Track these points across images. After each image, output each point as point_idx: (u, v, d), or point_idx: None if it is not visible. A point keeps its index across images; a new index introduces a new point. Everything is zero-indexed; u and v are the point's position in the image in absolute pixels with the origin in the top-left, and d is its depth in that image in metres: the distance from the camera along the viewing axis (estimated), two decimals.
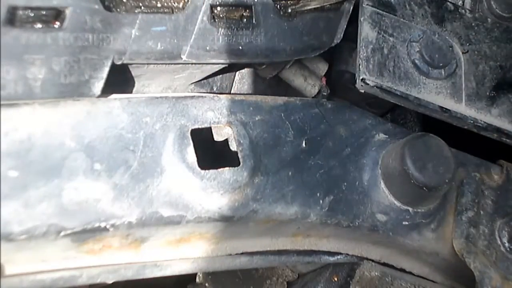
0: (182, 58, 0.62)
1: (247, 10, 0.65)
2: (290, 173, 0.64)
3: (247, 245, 0.67)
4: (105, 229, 0.55)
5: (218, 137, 0.65)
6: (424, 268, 0.78)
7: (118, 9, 0.59)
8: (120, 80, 0.63)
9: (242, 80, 0.77)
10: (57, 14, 0.55)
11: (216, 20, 0.64)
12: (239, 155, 0.61)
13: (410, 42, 0.70)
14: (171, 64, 0.65)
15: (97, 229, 0.55)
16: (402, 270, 0.76)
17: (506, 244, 0.71)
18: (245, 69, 0.76)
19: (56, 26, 0.55)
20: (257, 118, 0.64)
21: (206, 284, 0.92)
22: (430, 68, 0.70)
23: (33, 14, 0.54)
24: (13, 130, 0.54)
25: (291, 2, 0.68)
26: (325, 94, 0.81)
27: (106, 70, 0.58)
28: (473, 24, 0.75)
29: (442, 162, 0.65)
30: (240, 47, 0.65)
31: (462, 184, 0.73)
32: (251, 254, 0.68)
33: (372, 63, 0.67)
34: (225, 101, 0.64)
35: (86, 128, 0.57)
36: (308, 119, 0.67)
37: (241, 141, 0.62)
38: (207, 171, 0.59)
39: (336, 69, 0.84)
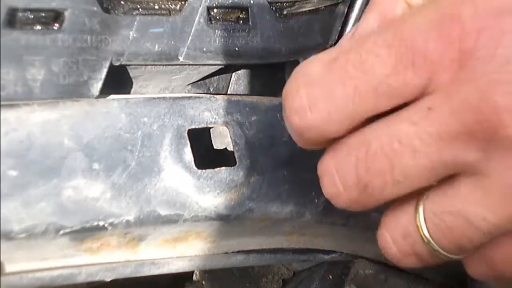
0: (179, 59, 0.63)
1: (243, 12, 0.66)
2: (285, 173, 0.64)
3: (243, 243, 0.68)
4: (103, 227, 0.55)
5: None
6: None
7: (116, 11, 0.59)
8: (118, 81, 0.64)
9: (238, 81, 0.78)
10: (56, 15, 0.56)
11: (213, 21, 0.64)
12: (236, 155, 0.62)
13: None
14: (169, 65, 0.65)
15: (95, 228, 0.55)
16: (396, 268, 0.77)
17: None
18: (242, 70, 0.77)
19: (55, 27, 0.56)
20: (253, 118, 0.65)
21: (203, 282, 0.93)
22: None
23: (32, 16, 0.55)
24: (12, 130, 0.54)
25: (287, 4, 0.69)
26: None
27: (104, 71, 0.58)
28: None
29: None
30: (237, 48, 0.66)
31: None
32: (247, 252, 0.68)
33: None
34: (222, 102, 0.64)
35: (85, 128, 0.57)
36: None
37: (238, 141, 0.62)
38: (204, 170, 0.59)
39: None
